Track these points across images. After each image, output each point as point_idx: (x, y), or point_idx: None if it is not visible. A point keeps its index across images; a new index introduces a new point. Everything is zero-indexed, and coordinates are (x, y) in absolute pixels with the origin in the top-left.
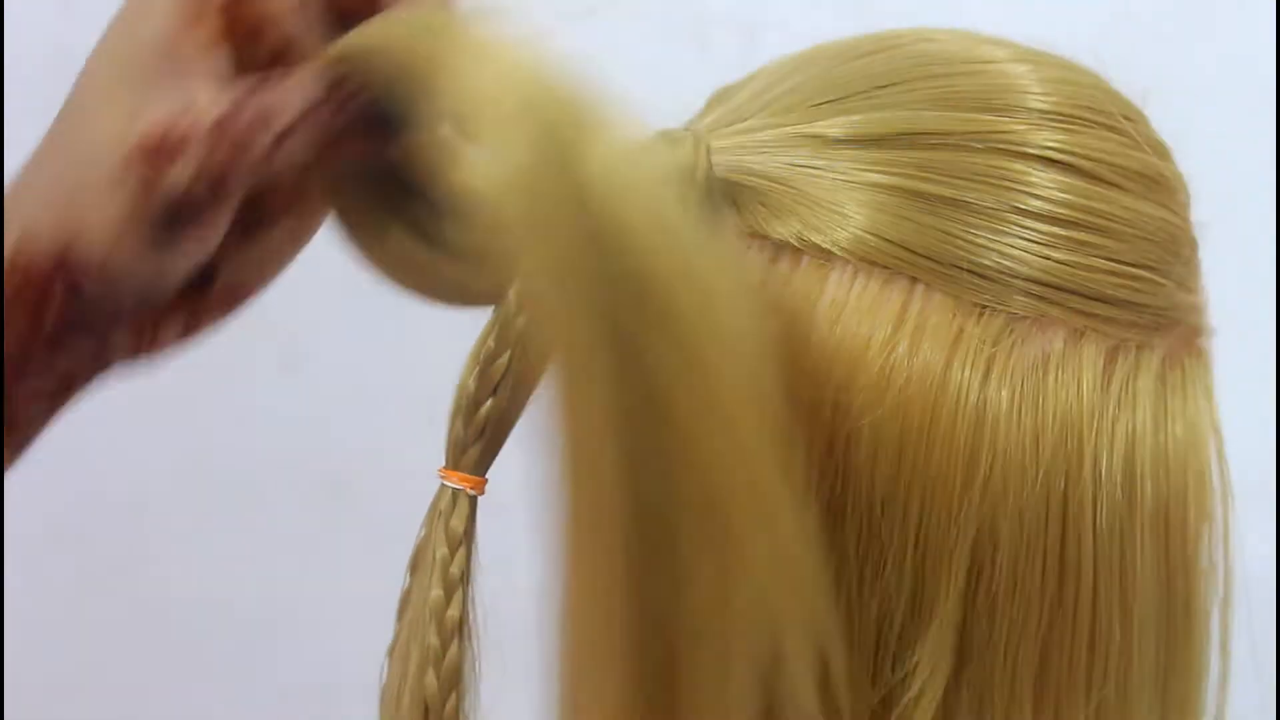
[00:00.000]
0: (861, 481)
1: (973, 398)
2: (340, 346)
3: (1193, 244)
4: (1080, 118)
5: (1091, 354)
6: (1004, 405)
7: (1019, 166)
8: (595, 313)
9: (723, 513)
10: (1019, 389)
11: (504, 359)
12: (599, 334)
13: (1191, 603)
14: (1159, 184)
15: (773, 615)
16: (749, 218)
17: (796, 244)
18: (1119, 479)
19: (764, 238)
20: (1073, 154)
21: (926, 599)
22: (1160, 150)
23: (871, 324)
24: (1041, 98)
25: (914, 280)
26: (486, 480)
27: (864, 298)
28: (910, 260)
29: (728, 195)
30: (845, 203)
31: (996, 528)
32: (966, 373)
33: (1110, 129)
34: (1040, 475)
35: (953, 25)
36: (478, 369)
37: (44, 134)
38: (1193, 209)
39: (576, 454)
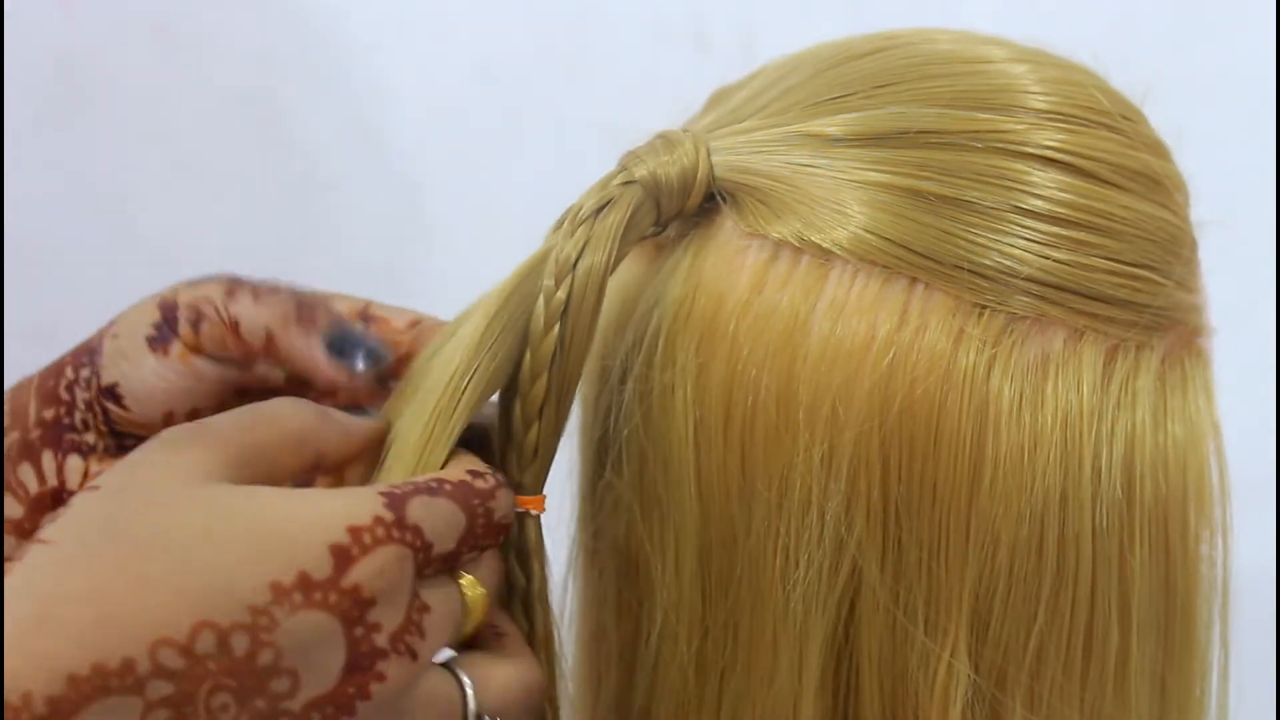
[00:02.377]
0: (873, 485)
1: (975, 399)
2: None
3: (1192, 244)
4: (1080, 118)
5: (1091, 354)
6: (1005, 405)
7: (1019, 166)
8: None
9: None
10: (1020, 389)
11: (542, 382)
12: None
13: (1190, 602)
14: (1158, 184)
15: None
16: (749, 217)
17: (796, 243)
18: (1118, 478)
19: (764, 237)
20: (1072, 154)
21: (940, 600)
22: (1159, 150)
23: (872, 324)
24: (1041, 97)
25: (914, 280)
26: (545, 497)
27: (864, 297)
28: (910, 260)
29: (727, 195)
30: (845, 201)
31: (998, 526)
32: (968, 374)
33: (1109, 129)
34: (1041, 475)
35: (952, 25)
36: (518, 397)
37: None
38: (1193, 209)
39: None
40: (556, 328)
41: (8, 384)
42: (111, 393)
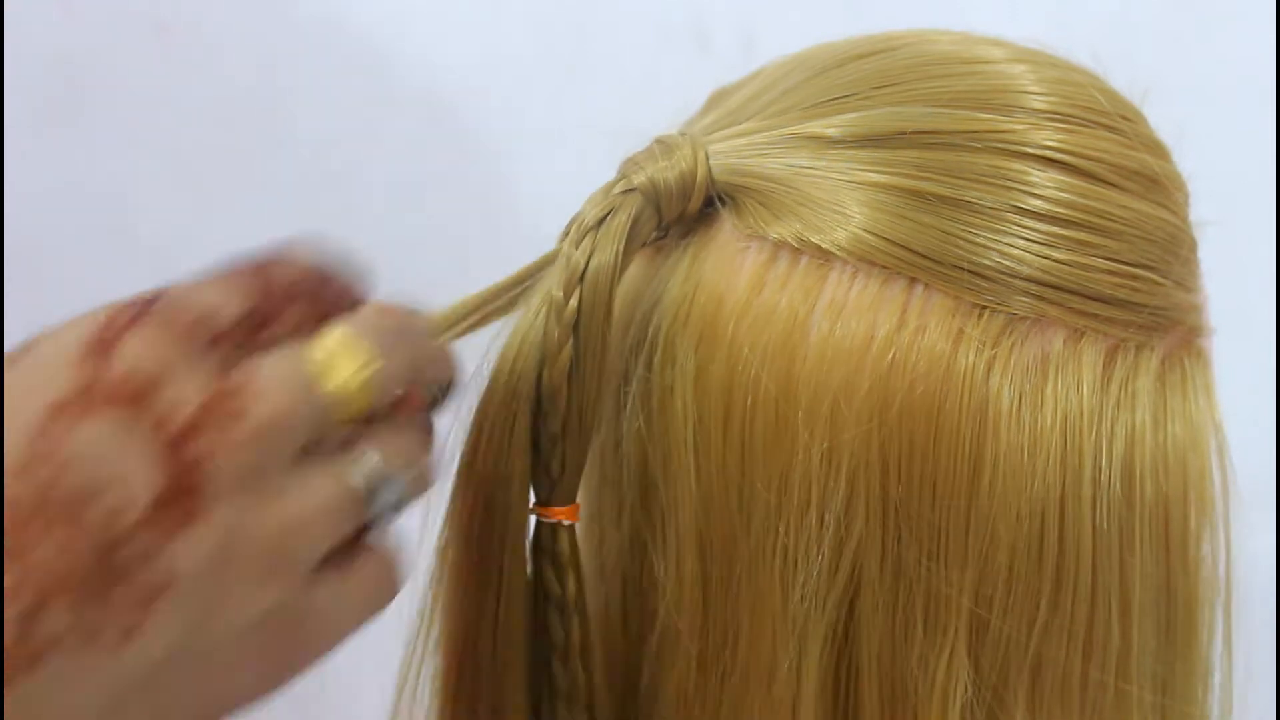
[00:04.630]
0: (873, 485)
1: (975, 400)
2: None
3: (1192, 244)
4: (1079, 118)
5: (1091, 354)
6: (1005, 406)
7: (1018, 166)
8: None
9: None
10: (1019, 389)
11: (563, 394)
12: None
13: (1192, 603)
14: (1157, 184)
15: None
16: (748, 218)
17: (796, 244)
18: (1118, 479)
19: (763, 238)
20: (1072, 154)
21: (940, 600)
22: (1158, 150)
23: (871, 325)
24: (1040, 97)
25: (913, 281)
26: (578, 506)
27: (863, 298)
28: (910, 260)
29: (727, 197)
30: (844, 202)
31: (997, 526)
32: (968, 375)
33: (1109, 129)
34: (1041, 475)
35: (951, 26)
36: (544, 411)
37: None
38: (1192, 209)
39: None
40: (571, 341)
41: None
42: None
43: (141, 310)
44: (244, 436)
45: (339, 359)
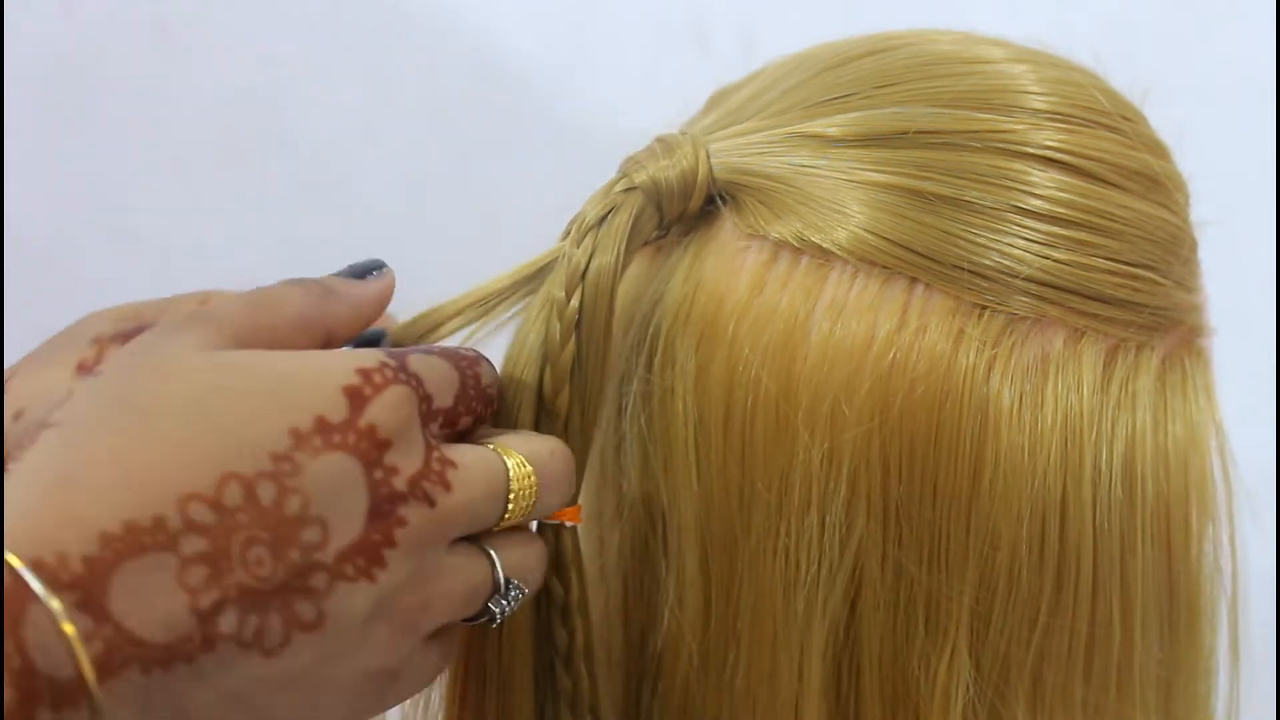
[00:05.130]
0: (874, 485)
1: (975, 400)
2: None
3: (1192, 244)
4: (1079, 118)
5: (1091, 354)
6: (1005, 406)
7: (1018, 166)
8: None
9: None
10: (1020, 389)
11: (564, 395)
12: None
13: (1195, 603)
14: (1158, 184)
15: None
16: (749, 218)
17: (796, 244)
18: (1119, 479)
19: (763, 238)
20: (1072, 154)
21: (941, 600)
22: (1159, 150)
23: (872, 325)
24: (1040, 97)
25: (913, 280)
26: (580, 507)
27: (864, 298)
28: (910, 260)
29: (728, 196)
30: (845, 202)
31: (998, 526)
32: (968, 375)
33: (1109, 129)
34: (1041, 475)
35: (951, 26)
36: (547, 411)
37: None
38: (1192, 209)
39: None
40: (573, 340)
41: None
42: None
43: (398, 372)
44: (439, 513)
45: (521, 470)
